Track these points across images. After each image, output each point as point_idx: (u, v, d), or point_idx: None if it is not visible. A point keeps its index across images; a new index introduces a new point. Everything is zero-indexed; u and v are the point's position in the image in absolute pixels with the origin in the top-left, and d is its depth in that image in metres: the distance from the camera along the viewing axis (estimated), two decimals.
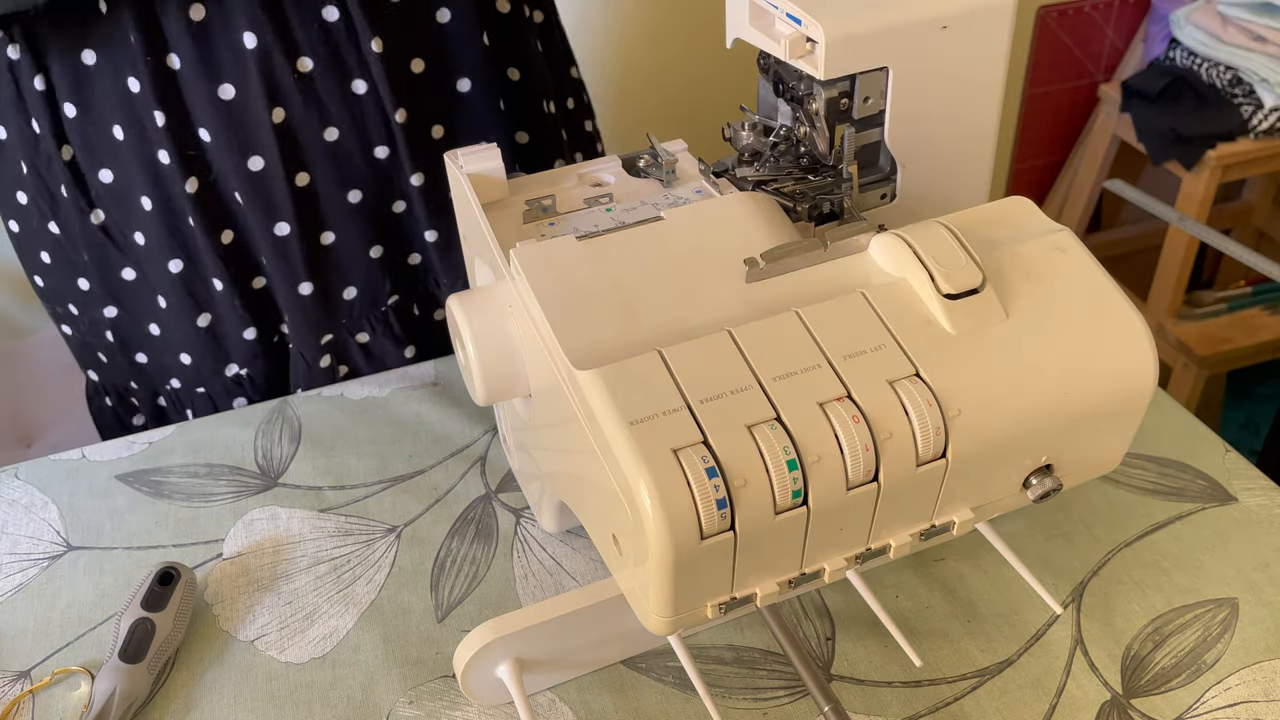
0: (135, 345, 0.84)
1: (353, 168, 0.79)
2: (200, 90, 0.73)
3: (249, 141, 0.75)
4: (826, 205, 0.58)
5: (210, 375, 0.85)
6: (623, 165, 0.62)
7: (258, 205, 0.78)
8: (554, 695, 0.60)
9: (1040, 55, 1.93)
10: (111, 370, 0.87)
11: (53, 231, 0.80)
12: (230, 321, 0.83)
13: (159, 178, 0.76)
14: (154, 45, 0.71)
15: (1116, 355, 0.47)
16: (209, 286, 0.82)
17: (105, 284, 0.81)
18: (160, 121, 0.73)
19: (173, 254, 0.79)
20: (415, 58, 0.76)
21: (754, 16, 0.57)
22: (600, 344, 0.46)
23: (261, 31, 0.71)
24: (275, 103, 0.74)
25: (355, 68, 0.75)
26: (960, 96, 0.58)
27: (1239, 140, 1.68)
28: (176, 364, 0.84)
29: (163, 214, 0.78)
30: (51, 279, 0.83)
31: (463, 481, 0.74)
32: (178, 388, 0.85)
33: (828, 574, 0.46)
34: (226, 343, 0.84)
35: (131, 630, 0.60)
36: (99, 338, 0.85)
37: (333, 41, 0.73)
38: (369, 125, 0.78)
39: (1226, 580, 0.65)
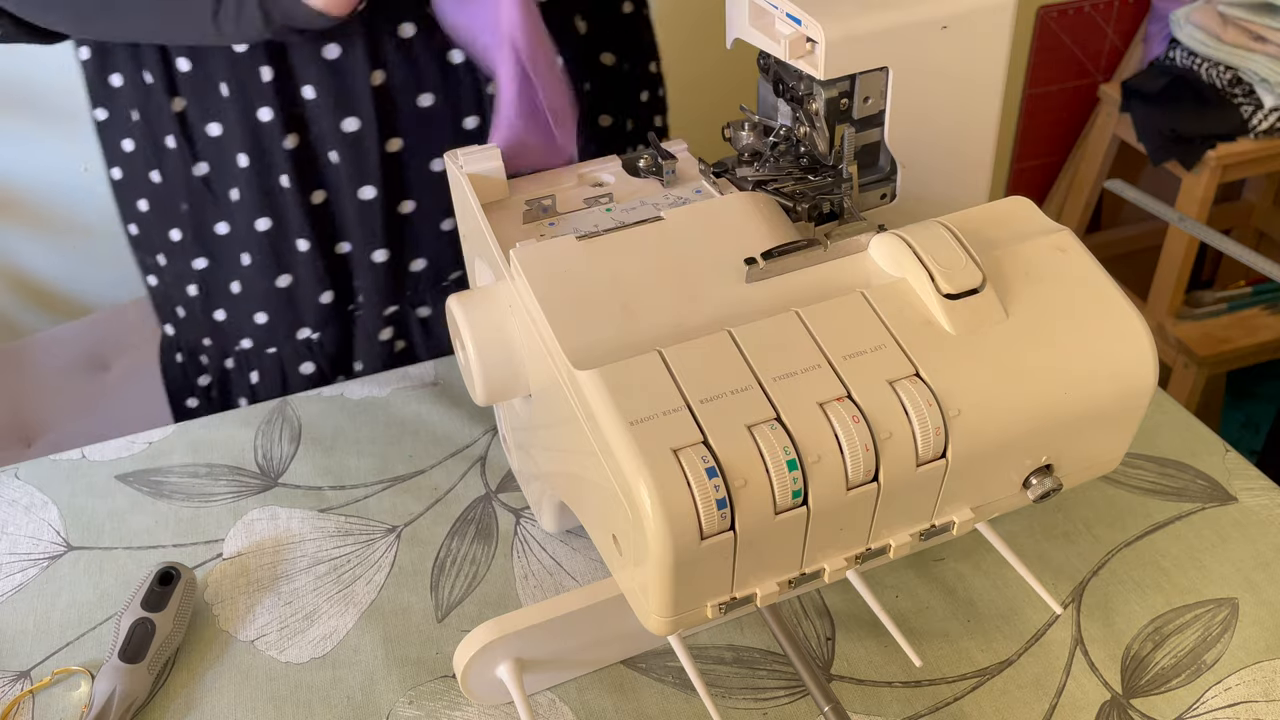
0: (217, 300, 0.85)
1: (442, 136, 0.80)
2: (306, 50, 0.75)
3: (348, 102, 0.77)
4: (826, 205, 0.58)
5: (283, 337, 0.87)
6: (623, 165, 0.62)
7: (350, 167, 0.79)
8: (554, 695, 0.60)
9: (1040, 55, 1.93)
10: (189, 325, 0.88)
11: (154, 180, 0.82)
12: (309, 284, 0.84)
13: (258, 134, 0.78)
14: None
15: (1116, 355, 0.47)
16: (293, 247, 0.83)
17: (199, 236, 0.82)
18: (267, 77, 0.75)
19: (262, 212, 0.81)
20: None
21: (754, 16, 0.57)
22: (600, 344, 0.46)
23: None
24: (376, 65, 0.75)
25: (453, 37, 0.76)
26: (960, 96, 0.58)
27: (1239, 140, 1.68)
28: (251, 323, 0.85)
29: (258, 171, 0.79)
30: (146, 227, 0.85)
31: (463, 481, 0.74)
32: (248, 348, 0.87)
33: (828, 574, 0.46)
34: (302, 305, 0.85)
35: (131, 630, 0.60)
36: (181, 291, 0.86)
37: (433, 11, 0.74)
38: (462, 95, 0.79)
39: (1226, 580, 0.65)
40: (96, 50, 0.79)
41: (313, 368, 0.88)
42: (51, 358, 1.37)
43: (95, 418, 1.27)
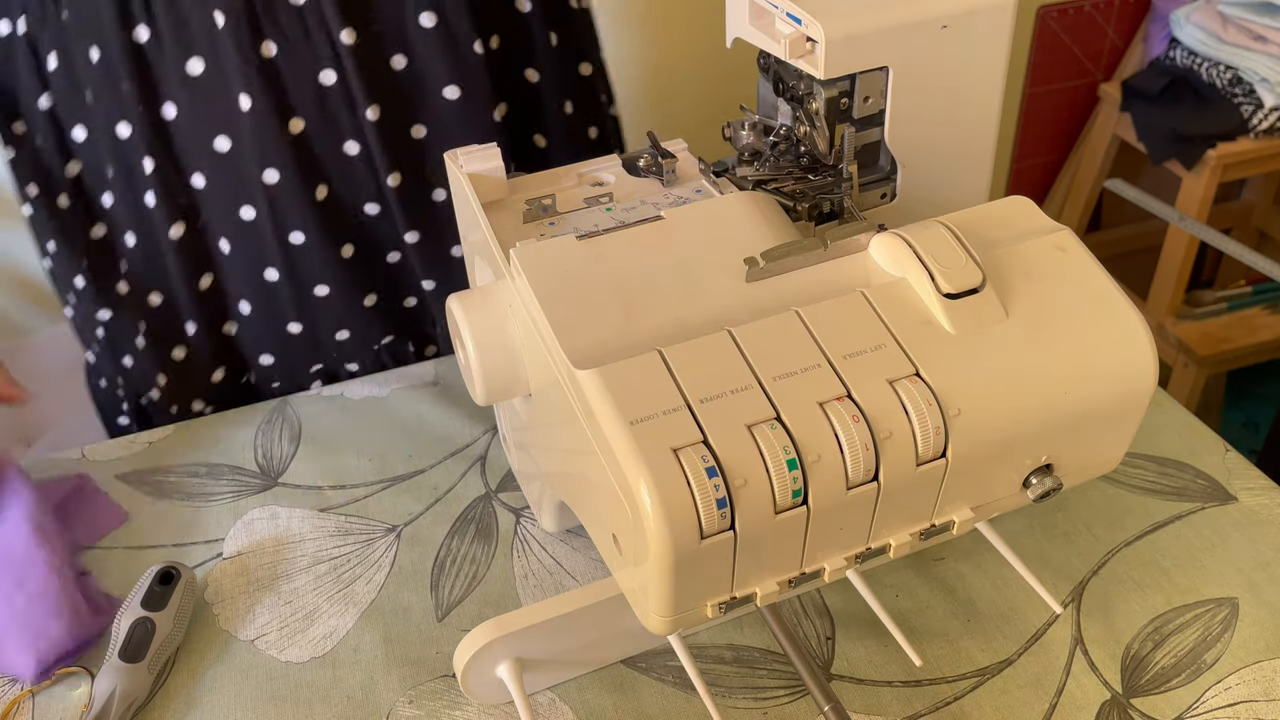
0: (122, 349, 0.84)
1: (345, 223, 0.80)
2: (197, 140, 0.74)
3: (242, 194, 0.76)
4: (826, 205, 0.58)
5: (183, 404, 0.86)
6: (623, 165, 0.62)
7: (242, 254, 0.79)
8: (554, 695, 0.60)
9: (1040, 55, 1.93)
10: (103, 361, 0.88)
11: (56, 230, 0.81)
12: (202, 358, 0.84)
13: (145, 221, 0.78)
14: (148, 98, 0.72)
15: (1116, 355, 0.47)
16: (183, 325, 0.82)
17: (101, 290, 0.82)
18: (149, 168, 0.74)
19: (153, 289, 0.81)
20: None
21: (754, 16, 0.57)
22: (600, 343, 0.46)
23: (256, 95, 0.72)
24: (267, 163, 0.75)
25: (347, 129, 0.75)
26: (960, 96, 0.58)
27: (1239, 140, 1.68)
28: (155, 383, 0.85)
29: (145, 252, 0.79)
30: (57, 265, 0.84)
31: (463, 481, 0.74)
32: (156, 399, 0.86)
33: (828, 573, 0.46)
34: (196, 378, 0.85)
35: (131, 630, 0.60)
36: (92, 332, 0.85)
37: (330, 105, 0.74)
38: (358, 185, 0.78)
39: (1226, 580, 0.65)
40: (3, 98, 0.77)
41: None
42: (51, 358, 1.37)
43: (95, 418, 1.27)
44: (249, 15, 0.69)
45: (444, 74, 0.75)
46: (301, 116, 0.73)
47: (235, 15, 0.69)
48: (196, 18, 0.69)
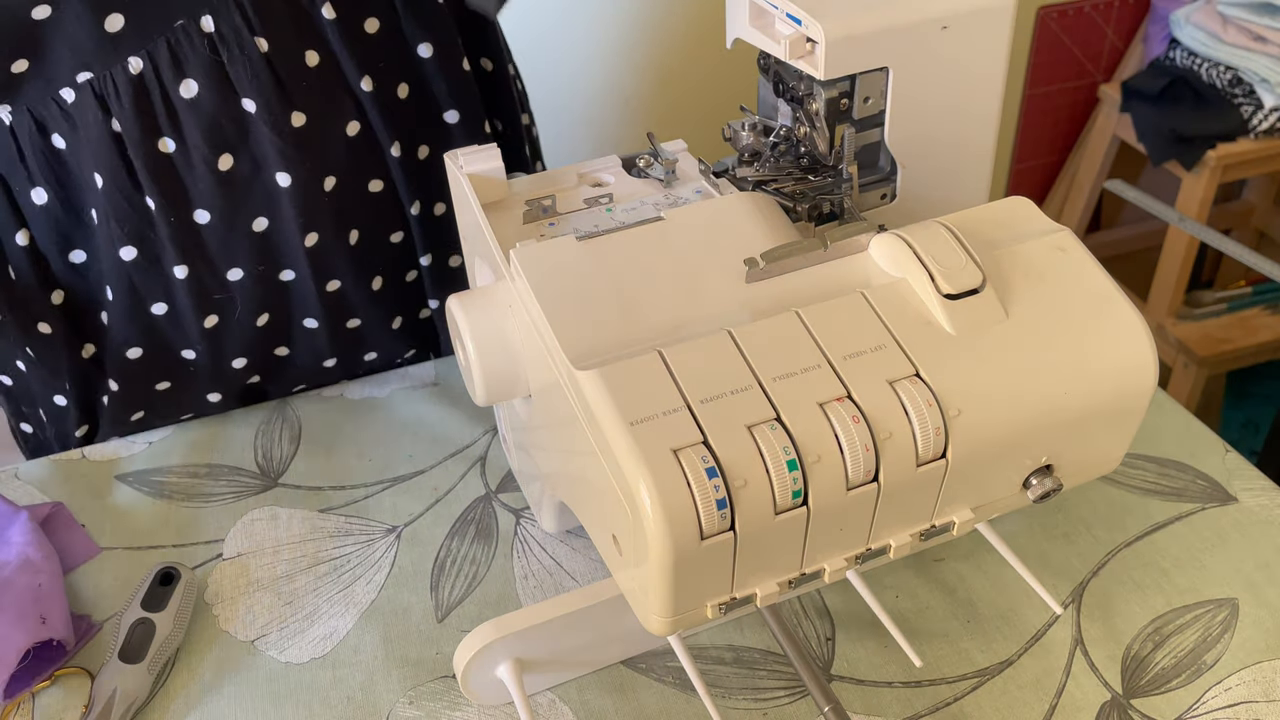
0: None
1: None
2: (234, 232, 0.71)
3: (283, 260, 0.73)
4: (826, 205, 0.58)
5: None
6: (623, 165, 0.62)
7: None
8: (554, 695, 0.60)
9: (1040, 55, 1.93)
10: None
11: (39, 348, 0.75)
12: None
13: (156, 332, 0.74)
14: (147, 129, 0.66)
15: (1116, 355, 0.47)
16: (205, 393, 0.79)
17: (83, 407, 0.78)
18: (181, 275, 0.70)
19: (161, 379, 0.77)
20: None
21: (754, 16, 0.57)
22: (600, 344, 0.46)
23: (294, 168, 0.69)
24: (309, 229, 0.72)
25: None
26: (960, 96, 0.58)
27: (1239, 140, 1.68)
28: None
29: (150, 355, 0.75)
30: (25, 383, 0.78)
31: (463, 481, 0.74)
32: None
33: (828, 574, 0.46)
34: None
35: (131, 630, 0.60)
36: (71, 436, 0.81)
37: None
38: (386, 219, 0.77)
39: (1226, 580, 0.65)
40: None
41: None
42: None
43: None
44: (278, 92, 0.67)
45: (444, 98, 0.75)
46: (334, 174, 0.72)
47: (265, 96, 0.66)
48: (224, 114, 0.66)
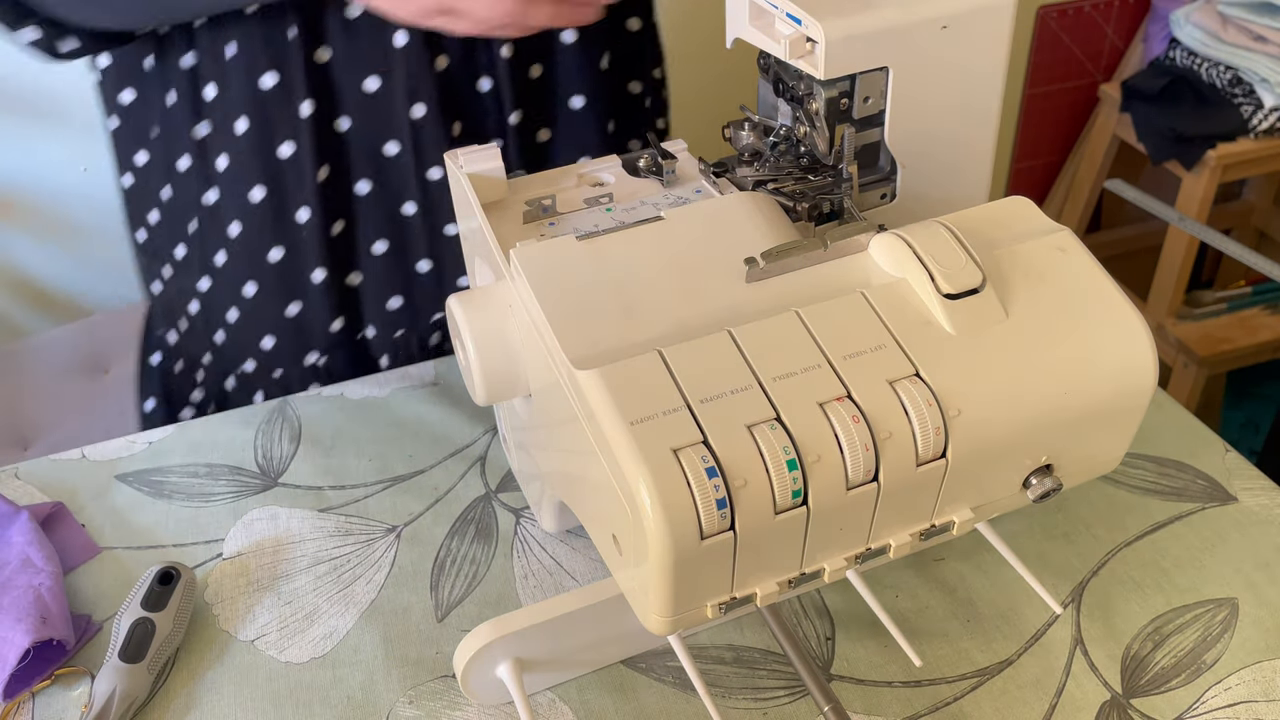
0: (216, 323, 0.85)
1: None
2: (347, 82, 0.75)
3: (387, 131, 0.78)
4: (826, 205, 0.58)
5: (290, 361, 0.86)
6: (623, 165, 0.62)
7: (389, 190, 0.80)
8: (554, 695, 0.60)
9: (1040, 55, 1.93)
10: (189, 339, 0.88)
11: (163, 197, 0.82)
12: (319, 311, 0.84)
13: (277, 170, 0.78)
14: (307, 40, 0.74)
15: (1116, 355, 0.47)
16: (305, 276, 0.82)
17: (204, 259, 0.83)
18: (306, 112, 0.75)
19: (275, 242, 0.80)
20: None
21: (754, 16, 0.57)
22: (600, 344, 0.46)
23: (412, 32, 0.74)
24: (416, 98, 0.76)
25: (483, 66, 0.79)
26: (960, 96, 0.58)
27: (1239, 140, 1.68)
28: (255, 347, 0.85)
29: (273, 204, 0.79)
30: (154, 239, 0.86)
31: (463, 481, 0.74)
32: (250, 371, 0.86)
33: (828, 574, 0.46)
34: (311, 332, 0.85)
35: (131, 630, 0.60)
36: (185, 305, 0.86)
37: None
38: (488, 123, 0.81)
39: (1226, 580, 0.65)
40: (116, 62, 0.79)
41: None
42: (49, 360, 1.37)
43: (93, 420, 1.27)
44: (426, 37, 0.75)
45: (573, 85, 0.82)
46: (460, 119, 0.79)
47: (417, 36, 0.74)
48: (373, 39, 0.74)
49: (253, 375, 0.87)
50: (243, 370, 0.86)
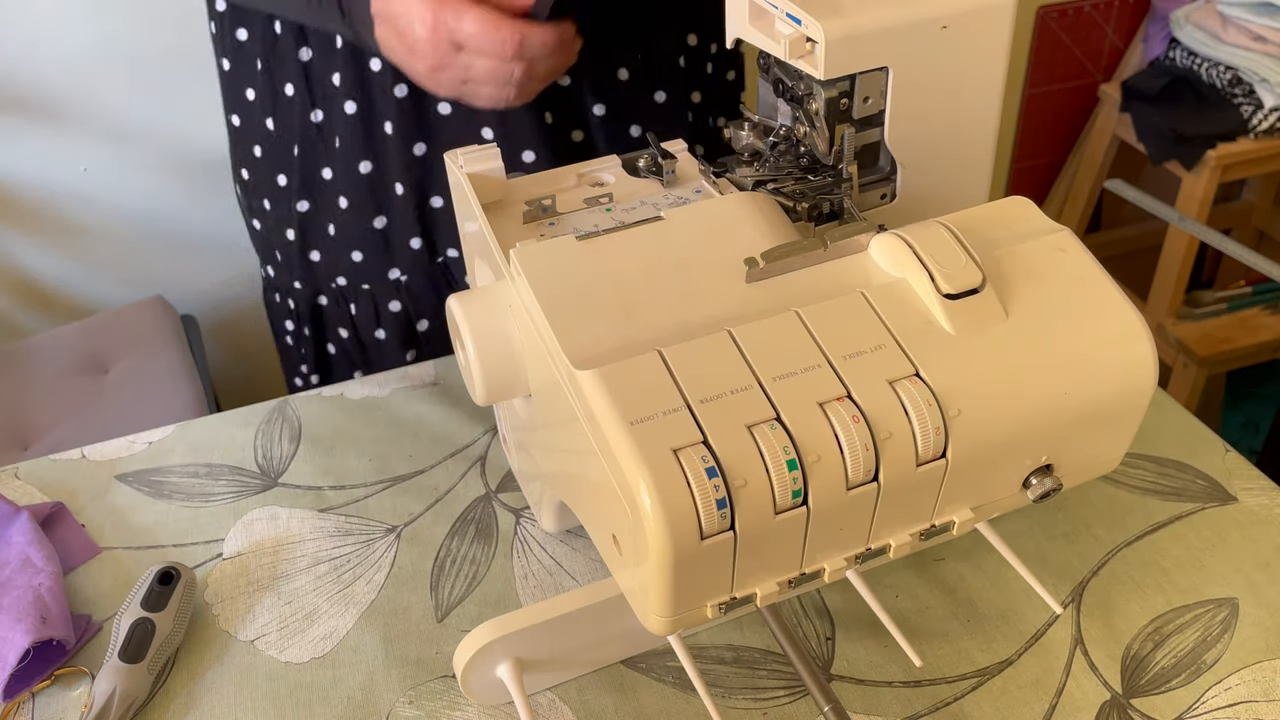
0: (313, 242, 0.91)
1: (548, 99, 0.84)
2: None
3: None
4: (826, 205, 0.58)
5: (375, 276, 0.91)
6: (623, 165, 0.62)
7: (462, 112, 0.83)
8: (554, 695, 0.60)
9: (1040, 55, 1.93)
10: (284, 269, 0.94)
11: (268, 127, 0.87)
12: (402, 229, 0.88)
13: (366, 83, 0.82)
14: None
15: (1116, 355, 0.47)
16: (390, 191, 0.87)
17: (305, 180, 0.88)
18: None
19: (365, 156, 0.85)
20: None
21: (754, 16, 0.57)
22: (600, 344, 0.46)
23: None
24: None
25: None
26: (960, 96, 0.58)
27: (1239, 140, 1.68)
28: (347, 261, 0.91)
29: (364, 118, 0.83)
30: (257, 173, 0.91)
31: (463, 481, 0.74)
32: (343, 285, 0.92)
33: (828, 574, 0.46)
34: (394, 247, 0.90)
35: (131, 630, 0.60)
36: (281, 235, 0.92)
37: None
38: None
39: (1226, 580, 0.65)
40: (231, 5, 0.84)
41: (399, 306, 0.92)
42: (49, 360, 1.37)
43: (93, 421, 1.27)
44: None
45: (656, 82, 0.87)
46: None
47: None
48: None
49: (346, 289, 0.92)
50: (336, 284, 0.92)
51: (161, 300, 1.47)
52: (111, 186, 1.54)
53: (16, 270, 1.58)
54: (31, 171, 1.50)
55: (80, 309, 1.62)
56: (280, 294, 0.97)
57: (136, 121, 1.50)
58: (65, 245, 1.57)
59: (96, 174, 1.52)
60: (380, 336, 0.94)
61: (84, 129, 1.48)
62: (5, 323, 1.61)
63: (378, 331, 0.94)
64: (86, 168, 1.52)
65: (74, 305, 1.62)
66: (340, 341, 0.96)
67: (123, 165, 1.53)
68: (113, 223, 1.57)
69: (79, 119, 1.48)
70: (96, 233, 1.57)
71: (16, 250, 1.56)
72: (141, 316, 1.43)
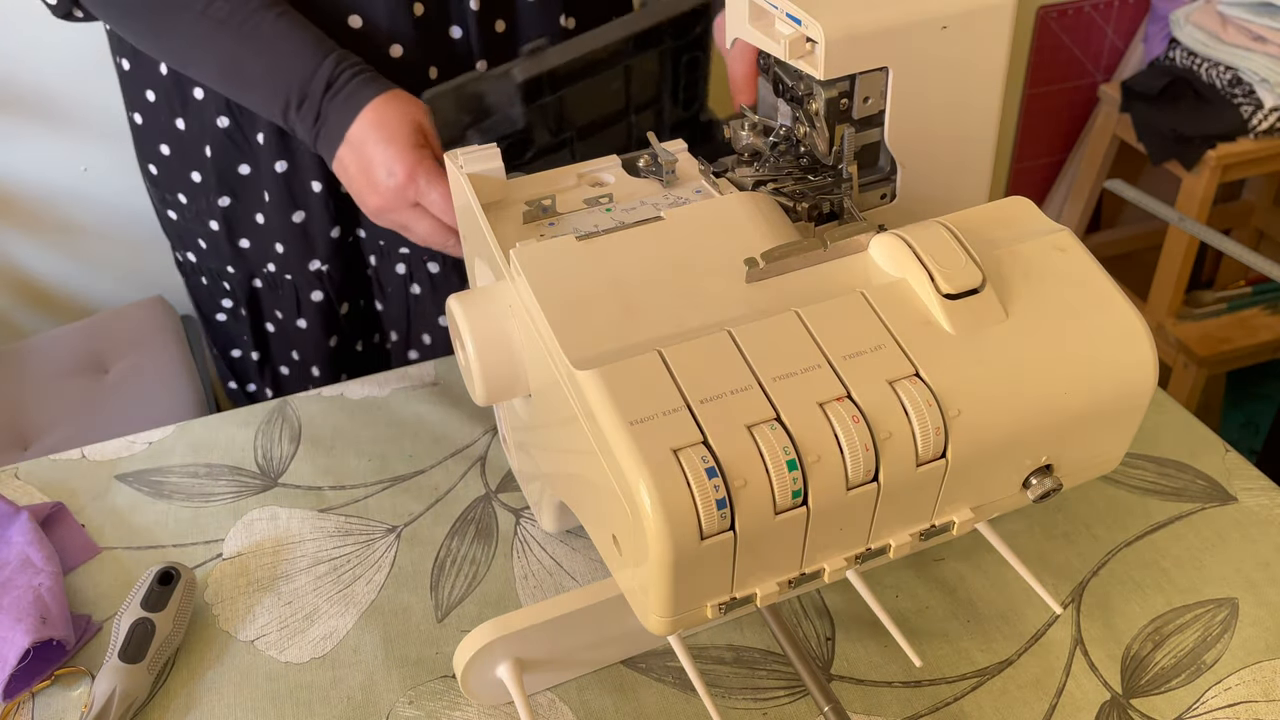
0: (241, 232, 0.92)
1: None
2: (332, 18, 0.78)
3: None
4: (826, 205, 0.58)
5: (297, 267, 0.93)
6: (623, 165, 0.62)
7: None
8: (554, 695, 0.60)
9: (1040, 55, 1.93)
10: (211, 254, 0.95)
11: (178, 127, 0.88)
12: (319, 220, 0.90)
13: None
14: None
15: (1116, 355, 0.47)
16: (307, 187, 0.88)
17: (221, 177, 0.89)
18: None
19: (280, 157, 0.86)
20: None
21: (754, 16, 0.57)
22: (600, 344, 0.46)
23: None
24: (393, 40, 0.80)
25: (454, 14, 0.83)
26: (960, 96, 0.58)
27: (1239, 140, 1.68)
28: (273, 251, 0.92)
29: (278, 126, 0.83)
30: (166, 168, 0.91)
31: (463, 481, 0.74)
32: (273, 271, 0.94)
33: (828, 574, 0.46)
34: (314, 238, 0.91)
35: (131, 630, 0.60)
36: (203, 225, 0.93)
37: None
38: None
39: (1226, 580, 0.65)
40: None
41: (321, 295, 0.94)
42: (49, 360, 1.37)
43: (93, 421, 1.27)
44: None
45: None
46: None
47: None
48: None
49: (275, 275, 0.94)
50: (267, 270, 0.93)
51: (161, 300, 1.47)
52: (111, 186, 1.54)
53: (16, 270, 1.58)
54: (31, 171, 1.50)
55: (80, 309, 1.62)
56: (208, 277, 0.98)
57: None
58: (65, 245, 1.57)
59: (96, 174, 1.52)
60: (302, 325, 0.96)
61: (84, 129, 1.48)
62: (5, 323, 1.61)
63: (299, 320, 0.96)
64: (86, 168, 1.52)
65: (74, 305, 1.62)
66: (277, 321, 0.97)
67: (123, 165, 1.53)
68: (113, 223, 1.57)
69: (79, 119, 1.48)
70: (96, 233, 1.57)
71: (16, 250, 1.56)
72: (141, 316, 1.43)
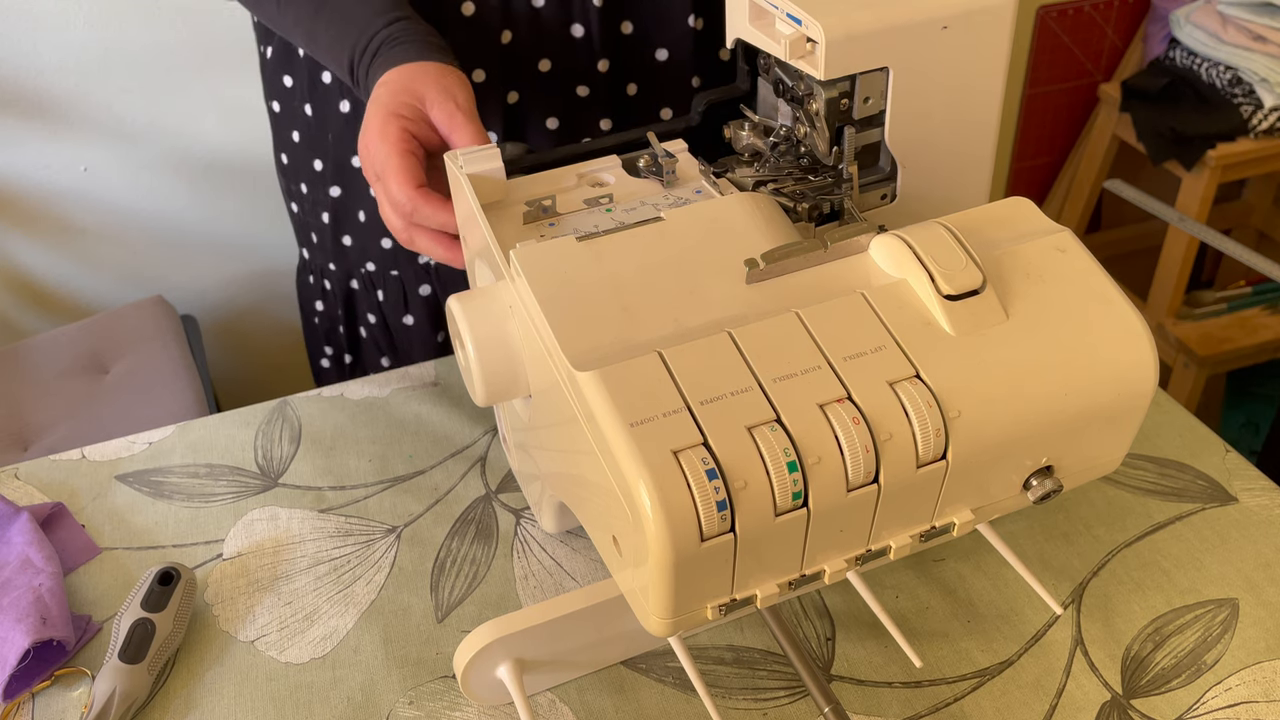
0: (345, 228, 0.93)
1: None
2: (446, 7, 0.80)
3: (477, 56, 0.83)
4: (826, 205, 0.58)
5: (405, 261, 0.93)
6: (623, 165, 0.62)
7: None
8: (554, 695, 0.60)
9: (1040, 55, 1.93)
10: (319, 251, 0.97)
11: (306, 113, 0.89)
12: None
13: None
14: None
15: (1116, 355, 0.47)
16: None
17: (337, 166, 0.90)
18: None
19: None
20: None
21: (754, 16, 0.57)
22: (600, 345, 0.46)
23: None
24: (506, 25, 0.81)
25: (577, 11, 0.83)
26: (960, 96, 0.58)
27: (1239, 140, 1.68)
28: (376, 248, 0.93)
29: None
30: (295, 157, 0.93)
31: (463, 481, 0.74)
32: (372, 270, 0.94)
33: (828, 575, 0.46)
34: None
35: (131, 630, 0.60)
36: (317, 218, 0.94)
37: None
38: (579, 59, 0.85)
39: (1226, 580, 0.65)
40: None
41: (429, 290, 0.94)
42: (49, 360, 1.37)
43: (93, 421, 1.27)
44: None
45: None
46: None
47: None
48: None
49: (374, 274, 0.94)
50: (365, 270, 0.94)
51: (161, 300, 1.47)
52: (111, 186, 1.54)
53: (16, 270, 1.58)
54: (32, 171, 1.50)
55: (80, 309, 1.62)
56: (314, 275, 0.99)
57: (136, 121, 1.50)
58: (65, 245, 1.57)
59: (96, 174, 1.52)
60: (409, 322, 0.96)
61: (84, 129, 1.48)
62: (5, 323, 1.61)
63: (405, 318, 0.95)
64: (86, 168, 1.52)
65: (74, 305, 1.62)
66: (369, 326, 0.98)
67: (123, 165, 1.53)
68: (113, 223, 1.57)
69: (79, 119, 1.48)
70: (96, 233, 1.57)
71: (16, 250, 1.56)
72: (141, 316, 1.43)
